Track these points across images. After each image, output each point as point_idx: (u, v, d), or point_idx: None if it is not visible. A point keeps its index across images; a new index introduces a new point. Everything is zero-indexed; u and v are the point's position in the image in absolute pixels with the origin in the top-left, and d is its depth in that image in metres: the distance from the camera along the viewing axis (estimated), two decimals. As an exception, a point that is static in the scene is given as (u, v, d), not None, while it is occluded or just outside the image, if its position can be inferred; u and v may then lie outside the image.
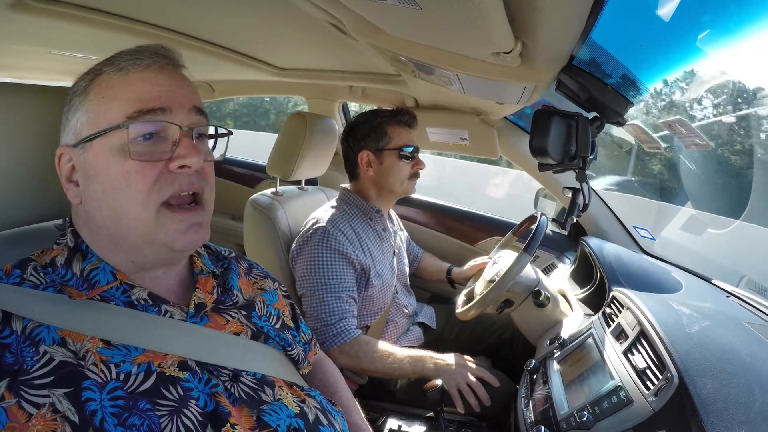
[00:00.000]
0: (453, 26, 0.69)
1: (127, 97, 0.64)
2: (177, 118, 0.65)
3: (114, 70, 0.65)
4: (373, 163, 1.52)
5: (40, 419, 0.51)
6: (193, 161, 0.65)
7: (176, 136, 0.65)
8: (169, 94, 0.66)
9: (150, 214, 0.63)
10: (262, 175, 2.54)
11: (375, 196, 1.57)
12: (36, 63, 1.84)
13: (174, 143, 0.65)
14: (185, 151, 0.65)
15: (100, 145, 0.63)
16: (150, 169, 0.63)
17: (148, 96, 0.64)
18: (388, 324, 1.59)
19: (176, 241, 0.65)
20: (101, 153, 0.63)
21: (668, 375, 0.81)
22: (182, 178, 0.65)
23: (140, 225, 0.64)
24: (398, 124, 1.53)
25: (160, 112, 0.64)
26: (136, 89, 0.64)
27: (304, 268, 1.39)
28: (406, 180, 1.54)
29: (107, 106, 0.64)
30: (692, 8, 0.75)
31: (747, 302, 1.26)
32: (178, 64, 0.71)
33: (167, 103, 0.65)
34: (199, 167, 0.67)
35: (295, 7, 0.90)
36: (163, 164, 0.64)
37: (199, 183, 0.68)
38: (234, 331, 0.74)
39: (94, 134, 0.63)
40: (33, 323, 0.58)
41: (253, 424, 0.64)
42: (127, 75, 0.65)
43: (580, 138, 1.00)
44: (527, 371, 1.18)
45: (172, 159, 0.64)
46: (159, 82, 0.66)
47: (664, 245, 1.96)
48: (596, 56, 0.85)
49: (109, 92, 0.64)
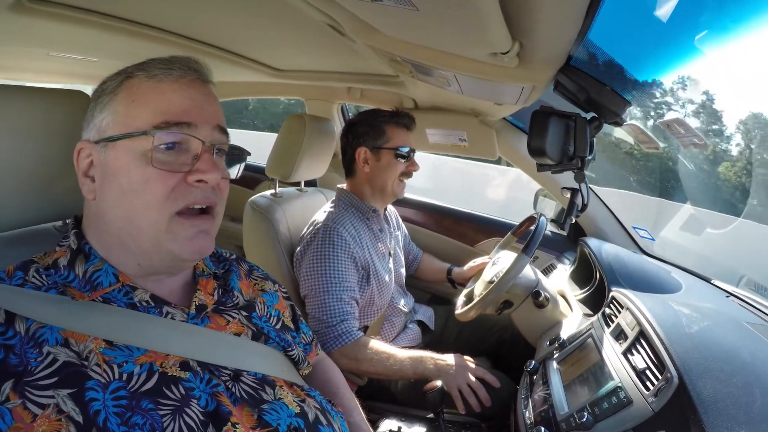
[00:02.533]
0: (449, 27, 0.69)
1: (156, 106, 0.65)
2: (201, 133, 0.67)
3: (146, 76, 0.67)
4: (370, 161, 1.54)
5: (45, 419, 0.51)
6: (212, 177, 0.67)
7: (198, 150, 0.67)
8: (197, 110, 0.68)
9: (163, 221, 0.65)
10: (261, 176, 2.53)
11: (369, 194, 1.58)
12: (35, 64, 1.84)
13: (195, 157, 0.67)
14: (205, 167, 0.66)
15: (123, 147, 0.65)
16: (169, 178, 0.65)
17: (178, 109, 0.66)
18: (384, 323, 1.59)
19: (184, 249, 0.67)
20: (124, 155, 0.65)
21: (668, 375, 0.80)
22: (198, 191, 0.67)
23: (151, 230, 0.65)
24: (397, 125, 1.55)
25: (186, 126, 0.66)
26: (167, 99, 0.66)
27: (307, 268, 1.39)
28: (397, 179, 1.55)
29: (136, 111, 0.65)
30: (690, 7, 0.75)
31: (747, 302, 1.26)
32: (207, 80, 0.73)
33: (194, 119, 0.67)
34: (216, 183, 0.68)
35: (292, 8, 0.90)
36: (182, 176, 0.66)
37: (213, 198, 0.69)
38: (235, 332, 0.75)
39: (119, 135, 0.65)
40: (36, 324, 0.58)
41: (254, 423, 0.64)
42: (159, 83, 0.67)
43: (578, 138, 1.00)
44: (527, 372, 1.18)
45: (192, 172, 0.66)
46: (189, 96, 0.68)
47: (664, 245, 1.96)
48: (594, 56, 0.85)
49: (139, 97, 0.66)
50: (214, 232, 0.72)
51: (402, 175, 1.56)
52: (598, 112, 1.00)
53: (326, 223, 1.43)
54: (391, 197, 1.60)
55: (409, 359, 1.30)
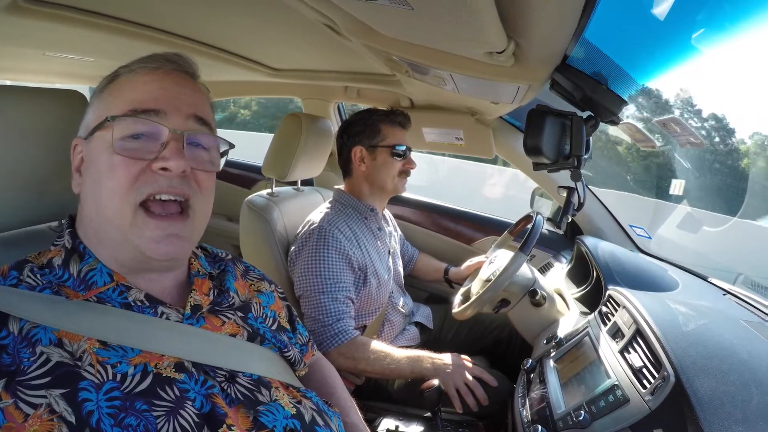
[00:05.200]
0: (445, 26, 0.69)
1: (128, 96, 0.67)
2: (171, 121, 0.66)
3: (126, 71, 0.69)
4: (366, 159, 1.54)
5: (37, 419, 0.51)
6: (174, 164, 0.65)
7: (165, 138, 0.66)
8: (168, 98, 0.67)
9: (127, 210, 0.64)
10: (258, 176, 2.53)
11: (368, 193, 1.58)
12: (31, 65, 1.84)
13: (162, 145, 0.66)
14: (169, 154, 0.65)
15: (97, 138, 0.67)
16: (132, 165, 0.64)
17: (147, 97, 0.66)
18: (384, 324, 1.59)
19: (148, 248, 0.65)
20: (97, 145, 0.66)
21: (664, 373, 0.81)
22: (163, 180, 0.66)
23: (116, 219, 0.65)
24: (392, 123, 1.55)
25: (153, 113, 0.66)
26: (139, 90, 0.67)
27: (302, 269, 1.39)
28: (396, 177, 1.55)
29: (112, 103, 0.67)
30: (687, 6, 0.75)
31: (743, 300, 1.26)
32: (189, 71, 0.73)
33: (163, 106, 0.66)
34: (181, 172, 0.66)
35: (288, 7, 0.89)
36: (146, 163, 0.65)
37: (182, 189, 0.67)
38: (230, 333, 0.75)
39: (93, 128, 0.67)
40: (30, 324, 0.58)
41: (250, 425, 0.64)
42: (135, 76, 0.69)
43: (574, 137, 1.00)
44: (524, 370, 1.18)
45: (156, 159, 0.65)
46: (162, 86, 0.68)
47: (661, 243, 1.96)
48: (590, 55, 0.84)
49: (117, 91, 0.69)
50: (190, 235, 0.70)
51: (400, 173, 1.56)
52: (594, 110, 1.00)
53: (321, 224, 1.43)
54: (391, 193, 1.61)
55: (406, 358, 1.30)
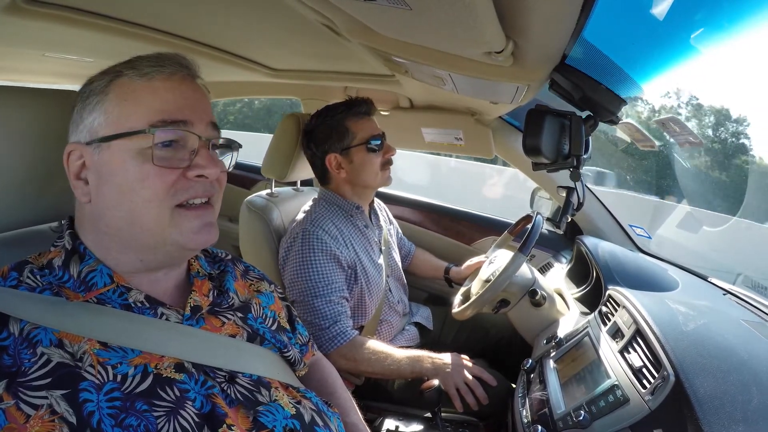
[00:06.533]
0: (443, 26, 0.69)
1: (151, 104, 0.65)
2: (197, 129, 0.68)
3: (137, 74, 0.66)
4: (343, 164, 1.46)
5: (38, 420, 0.51)
6: (211, 172, 0.68)
7: (195, 145, 0.67)
8: (191, 108, 0.68)
9: (165, 214, 0.65)
10: (257, 176, 2.53)
11: (351, 193, 1.52)
12: (30, 65, 1.83)
13: (192, 152, 0.67)
14: (204, 162, 0.67)
15: (118, 147, 0.64)
16: (168, 174, 0.65)
17: (174, 107, 0.66)
18: (381, 323, 1.57)
19: (190, 240, 0.68)
20: (119, 154, 0.64)
21: (664, 373, 0.81)
22: (198, 186, 0.68)
23: (155, 226, 0.65)
24: (357, 116, 1.47)
25: (182, 123, 0.66)
26: (161, 98, 0.66)
27: (291, 273, 1.37)
28: (380, 172, 1.49)
29: (129, 110, 0.65)
30: (686, 5, 0.75)
31: (744, 300, 1.26)
32: (196, 75, 0.73)
33: (189, 117, 0.67)
34: (216, 177, 0.70)
35: (287, 8, 0.89)
36: (180, 171, 0.66)
37: (212, 190, 0.71)
38: (230, 333, 0.75)
39: (113, 135, 0.64)
40: (30, 325, 0.58)
41: (250, 425, 0.64)
42: (151, 81, 0.67)
43: (573, 137, 1.00)
44: (524, 370, 1.18)
45: (191, 167, 0.66)
46: (183, 95, 0.68)
47: (660, 243, 1.96)
48: (589, 55, 0.84)
49: (131, 96, 0.66)
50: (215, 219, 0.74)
51: (383, 166, 1.49)
52: (593, 110, 1.00)
53: (304, 225, 1.39)
54: (378, 188, 1.56)
55: (406, 358, 1.30)
